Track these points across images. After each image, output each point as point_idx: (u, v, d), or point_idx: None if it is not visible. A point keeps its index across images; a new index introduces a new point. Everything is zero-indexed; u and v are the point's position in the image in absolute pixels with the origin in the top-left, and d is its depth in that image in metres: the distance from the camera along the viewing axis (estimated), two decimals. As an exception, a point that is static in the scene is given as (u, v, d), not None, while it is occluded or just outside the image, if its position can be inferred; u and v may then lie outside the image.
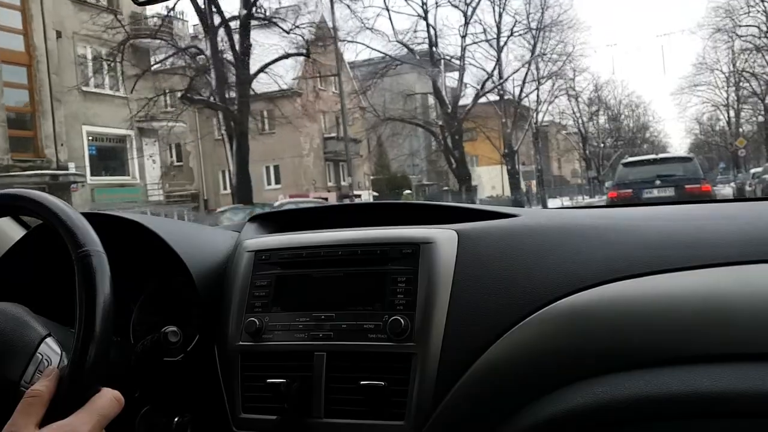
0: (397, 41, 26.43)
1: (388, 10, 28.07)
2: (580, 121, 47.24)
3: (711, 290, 0.86)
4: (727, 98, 46.34)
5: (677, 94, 57.38)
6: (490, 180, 44.48)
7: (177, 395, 1.01)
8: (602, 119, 53.72)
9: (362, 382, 0.95)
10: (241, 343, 1.05)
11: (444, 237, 1.02)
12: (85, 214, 0.78)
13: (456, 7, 27.42)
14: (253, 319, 1.04)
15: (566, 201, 36.27)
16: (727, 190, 27.48)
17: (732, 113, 46.74)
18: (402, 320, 0.96)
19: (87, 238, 0.73)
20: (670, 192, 10.89)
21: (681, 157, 13.03)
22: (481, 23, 35.95)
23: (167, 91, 21.02)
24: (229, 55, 19.04)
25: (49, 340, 0.76)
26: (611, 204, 11.19)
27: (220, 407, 1.03)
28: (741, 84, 42.58)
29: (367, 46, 26.68)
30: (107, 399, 0.68)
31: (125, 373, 0.92)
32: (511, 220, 1.07)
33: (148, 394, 0.96)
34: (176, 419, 0.99)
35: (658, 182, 11.18)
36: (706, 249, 0.92)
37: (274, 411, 0.98)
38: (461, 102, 28.06)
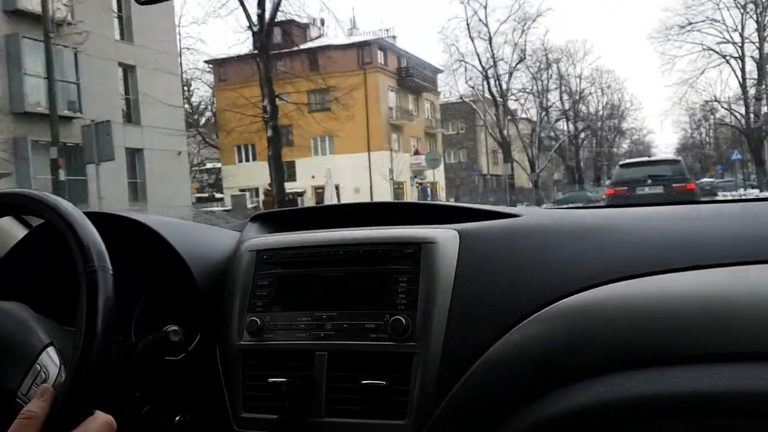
0: None
1: None
2: (490, 73, 30.77)
3: (713, 290, 0.86)
4: (742, 44, 28.33)
5: (660, 40, 34.95)
6: (355, 178, 28.77)
7: (178, 394, 1.02)
8: (551, 94, 37.82)
9: (363, 382, 0.95)
10: (242, 342, 1.05)
11: (445, 237, 1.02)
12: (88, 214, 0.78)
13: None
14: (254, 318, 1.05)
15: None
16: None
17: (752, 68, 28.24)
18: (403, 320, 0.96)
19: (96, 252, 0.72)
20: (659, 189, 12.43)
21: (669, 160, 15.13)
22: None
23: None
24: None
25: (50, 349, 0.75)
26: (610, 203, 12.62)
27: (222, 406, 1.03)
28: None
29: None
30: (99, 424, 0.67)
31: (127, 372, 0.92)
32: (512, 220, 1.07)
33: (150, 393, 0.96)
34: (177, 418, 0.99)
35: (649, 181, 12.75)
36: (708, 249, 0.92)
37: (275, 410, 0.98)
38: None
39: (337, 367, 0.98)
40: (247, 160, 34.49)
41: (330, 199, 22.10)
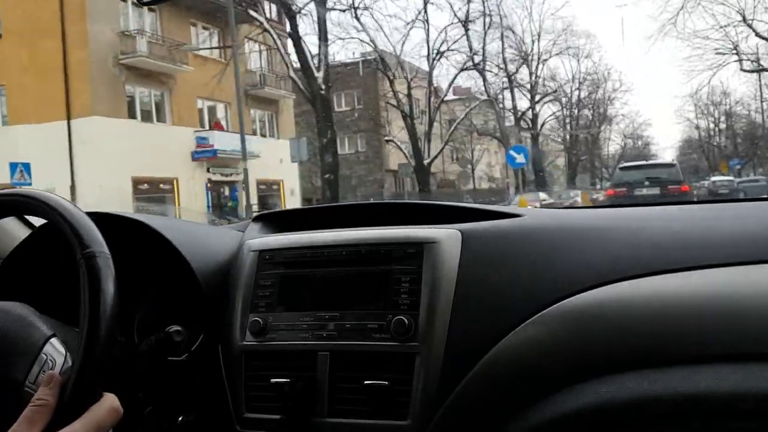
0: None
1: None
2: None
3: (716, 290, 0.85)
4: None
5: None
6: (61, 169, 15.96)
7: (181, 395, 1.02)
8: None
9: (366, 382, 0.95)
10: (245, 342, 1.05)
11: (448, 237, 1.02)
12: (89, 214, 0.79)
13: None
14: (257, 318, 1.05)
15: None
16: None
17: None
18: (406, 320, 0.96)
19: (92, 238, 0.73)
20: (656, 191, 13.63)
21: (666, 164, 16.86)
22: None
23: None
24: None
25: (53, 340, 0.76)
26: (612, 203, 13.38)
27: (224, 407, 1.03)
28: None
29: None
30: (106, 409, 0.67)
31: (129, 372, 0.92)
32: (515, 220, 1.07)
33: (152, 393, 0.96)
34: (180, 419, 0.99)
35: (646, 183, 13.89)
36: (712, 249, 0.91)
37: (278, 410, 0.98)
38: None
39: (340, 367, 0.98)
40: None
41: None
